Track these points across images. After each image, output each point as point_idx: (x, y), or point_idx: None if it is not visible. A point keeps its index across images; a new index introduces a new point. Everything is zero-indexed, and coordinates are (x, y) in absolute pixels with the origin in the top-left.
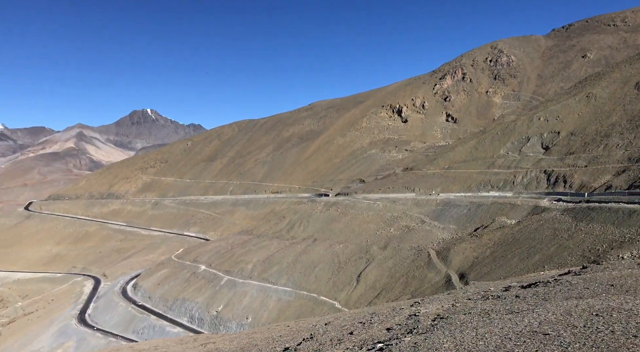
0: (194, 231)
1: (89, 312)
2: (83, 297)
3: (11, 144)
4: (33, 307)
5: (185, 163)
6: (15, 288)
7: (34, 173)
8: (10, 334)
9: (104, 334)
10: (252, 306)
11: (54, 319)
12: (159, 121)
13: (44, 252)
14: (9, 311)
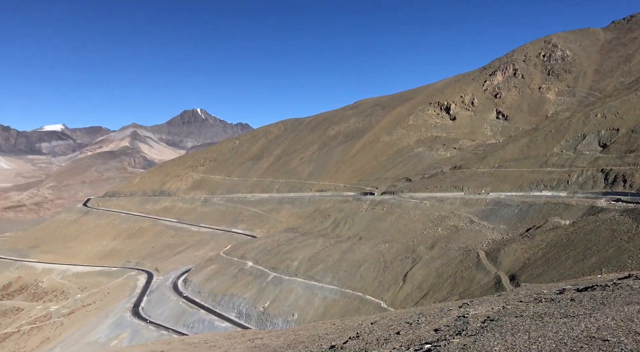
0: (241, 227)
1: (143, 305)
2: (137, 290)
3: (71, 143)
4: (91, 299)
5: (233, 161)
6: (75, 281)
7: (92, 171)
8: (71, 324)
9: (156, 326)
10: (298, 303)
11: (110, 311)
12: (208, 121)
13: (101, 247)
14: (70, 302)
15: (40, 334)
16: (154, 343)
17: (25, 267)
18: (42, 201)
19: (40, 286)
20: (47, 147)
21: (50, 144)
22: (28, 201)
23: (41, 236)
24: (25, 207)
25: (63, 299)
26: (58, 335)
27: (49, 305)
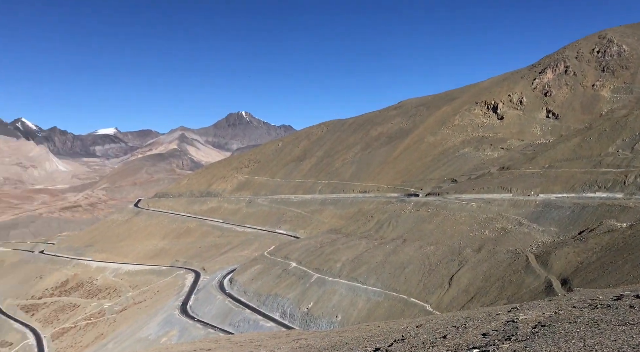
0: (284, 228)
1: (190, 304)
2: (185, 289)
3: (123, 146)
4: (142, 297)
5: (277, 163)
6: (127, 279)
7: (142, 172)
8: (123, 321)
9: (203, 325)
10: (342, 304)
11: (160, 309)
12: (252, 123)
13: (151, 246)
14: (122, 300)
15: (95, 330)
16: (202, 341)
17: (81, 265)
18: (96, 201)
19: (94, 283)
20: (101, 150)
21: (103, 147)
22: (83, 201)
23: (95, 236)
24: (81, 207)
25: (116, 296)
26: (111, 331)
27: (103, 302)
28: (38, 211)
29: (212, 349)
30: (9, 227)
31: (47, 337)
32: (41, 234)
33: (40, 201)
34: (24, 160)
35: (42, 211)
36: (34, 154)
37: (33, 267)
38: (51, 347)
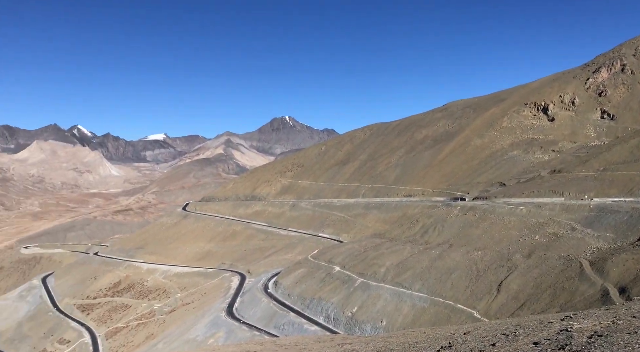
0: (328, 232)
1: (236, 306)
2: (231, 291)
3: (171, 151)
4: (190, 299)
5: (319, 167)
6: (175, 280)
7: (190, 177)
8: (172, 322)
9: (249, 327)
10: (386, 309)
11: (207, 311)
12: (295, 127)
13: (198, 249)
14: (171, 301)
15: (146, 330)
16: (247, 343)
17: (132, 267)
18: (146, 205)
19: (145, 284)
20: (151, 155)
21: (153, 152)
22: (134, 205)
23: (145, 238)
24: (132, 210)
25: (165, 297)
26: (161, 331)
27: (153, 303)
28: (93, 214)
29: (258, 351)
30: (66, 230)
31: (102, 336)
32: (96, 236)
33: (94, 204)
34: (79, 166)
35: (97, 214)
36: (89, 159)
37: (88, 268)
38: (105, 346)
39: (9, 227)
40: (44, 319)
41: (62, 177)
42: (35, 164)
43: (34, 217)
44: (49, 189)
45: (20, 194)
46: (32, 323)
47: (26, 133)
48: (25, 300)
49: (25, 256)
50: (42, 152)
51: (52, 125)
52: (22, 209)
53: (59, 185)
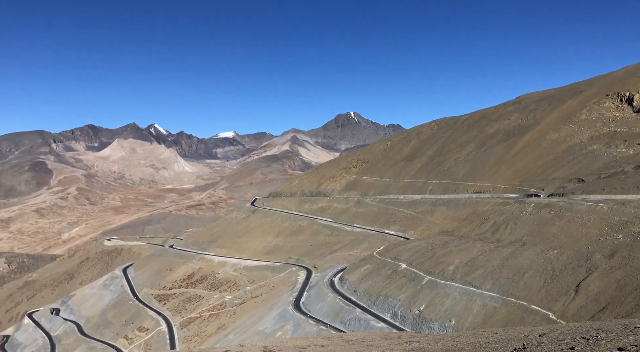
0: (394, 229)
1: (303, 300)
2: (297, 285)
3: (240, 148)
4: (258, 292)
5: (385, 163)
6: (245, 274)
7: (258, 173)
8: (242, 313)
9: (315, 321)
10: (455, 308)
11: (275, 304)
12: (360, 123)
13: (265, 243)
14: (240, 293)
15: (217, 321)
16: (315, 338)
17: (204, 259)
18: (217, 200)
19: (216, 277)
20: (221, 152)
21: (223, 149)
22: (206, 200)
23: (217, 232)
24: (205, 205)
25: (235, 290)
26: (232, 322)
27: (224, 295)
28: (168, 208)
29: (325, 345)
30: (144, 223)
31: (177, 325)
32: (171, 229)
33: (169, 199)
34: (156, 162)
35: (172, 208)
36: (164, 156)
37: (164, 260)
38: (180, 334)
39: (93, 220)
40: (125, 307)
41: (140, 173)
42: (116, 161)
43: (116, 211)
44: (129, 185)
45: (103, 190)
46: (114, 311)
47: (108, 132)
48: (109, 289)
49: (108, 247)
50: (122, 150)
51: (131, 125)
52: (105, 203)
53: (138, 181)
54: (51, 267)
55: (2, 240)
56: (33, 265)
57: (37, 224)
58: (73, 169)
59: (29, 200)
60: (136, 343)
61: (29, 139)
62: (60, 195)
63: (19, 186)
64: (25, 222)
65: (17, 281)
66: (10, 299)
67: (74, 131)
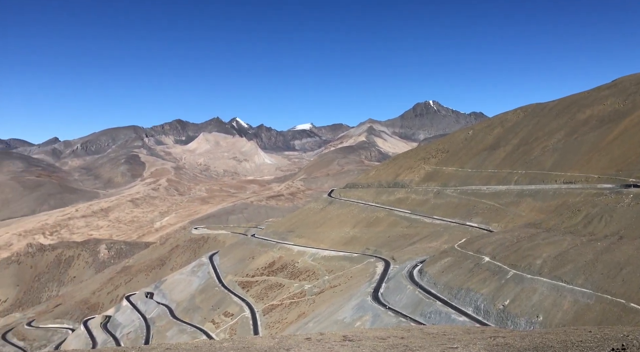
0: (475, 221)
1: (381, 292)
2: (375, 277)
3: (317, 139)
4: (337, 281)
5: (466, 152)
6: (323, 263)
7: (334, 164)
8: (321, 302)
9: (394, 313)
10: (543, 304)
11: (353, 294)
12: (440, 112)
13: (343, 234)
14: (319, 283)
15: (297, 309)
16: (395, 329)
17: (284, 248)
18: (295, 191)
19: (296, 266)
20: (299, 144)
21: (301, 141)
22: (285, 191)
23: (295, 222)
24: (283, 196)
25: (314, 279)
26: (311, 311)
27: (303, 283)
28: (250, 199)
29: (405, 337)
30: (228, 213)
31: (259, 311)
32: (252, 219)
33: (251, 190)
34: (238, 155)
35: (253, 199)
36: (246, 149)
37: (246, 248)
38: (263, 320)
39: (182, 210)
40: (212, 293)
41: (224, 165)
42: (202, 154)
43: (202, 202)
44: (213, 176)
45: (190, 181)
46: (202, 296)
47: (194, 126)
48: (196, 275)
49: (195, 235)
50: (207, 143)
51: (215, 119)
52: (192, 194)
53: (222, 172)
54: (145, 254)
55: (103, 228)
56: (129, 251)
57: (133, 213)
58: (163, 162)
59: (125, 191)
60: (222, 327)
61: (124, 133)
62: (152, 186)
63: (116, 177)
64: (122, 212)
65: (116, 266)
66: (110, 282)
67: (164, 126)
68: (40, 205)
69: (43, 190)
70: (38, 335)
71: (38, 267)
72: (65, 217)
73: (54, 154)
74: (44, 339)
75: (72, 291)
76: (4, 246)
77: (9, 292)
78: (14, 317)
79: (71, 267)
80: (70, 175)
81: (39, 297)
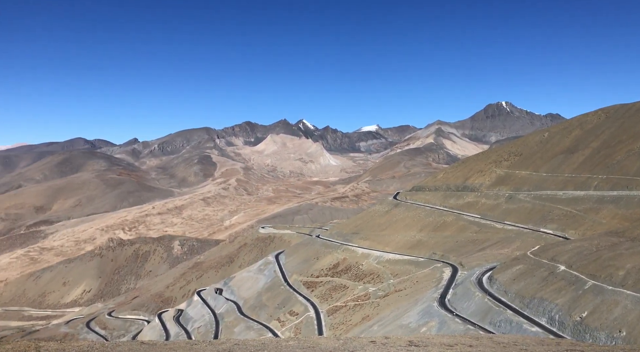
0: (550, 227)
1: (448, 298)
2: (442, 282)
3: (383, 141)
4: (402, 286)
5: (541, 156)
6: (388, 267)
7: (400, 166)
8: (386, 306)
9: (462, 320)
10: (626, 318)
11: (419, 299)
12: (513, 113)
13: (408, 237)
14: (384, 286)
15: (361, 311)
16: (462, 336)
17: (348, 250)
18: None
19: (360, 268)
20: (364, 146)
21: (366, 143)
22: (350, 192)
23: (359, 224)
24: (348, 198)
25: (378, 282)
26: (375, 314)
27: (368, 286)
28: (314, 200)
29: (474, 345)
30: (293, 213)
31: (324, 312)
32: (317, 220)
33: (316, 191)
34: (304, 156)
35: (318, 200)
36: (311, 150)
37: (311, 248)
38: (327, 321)
39: (250, 209)
40: (277, 291)
41: (290, 166)
42: (269, 155)
43: (269, 202)
44: (280, 177)
45: (258, 181)
46: (268, 294)
47: (262, 128)
48: (263, 273)
49: (262, 234)
50: (274, 144)
51: (282, 121)
52: (259, 194)
53: (288, 173)
54: (215, 251)
55: (177, 225)
56: (201, 248)
57: (204, 212)
58: (233, 163)
59: (198, 190)
60: (287, 326)
61: (197, 135)
62: (223, 186)
63: (189, 177)
64: (194, 210)
65: (188, 262)
66: (183, 277)
67: (234, 127)
68: (120, 202)
69: (123, 188)
70: (117, 325)
71: (118, 260)
72: (143, 214)
73: (134, 154)
74: (122, 328)
75: (148, 284)
76: (88, 239)
77: (93, 283)
78: (96, 307)
79: (147, 261)
80: (148, 174)
81: (119, 289)
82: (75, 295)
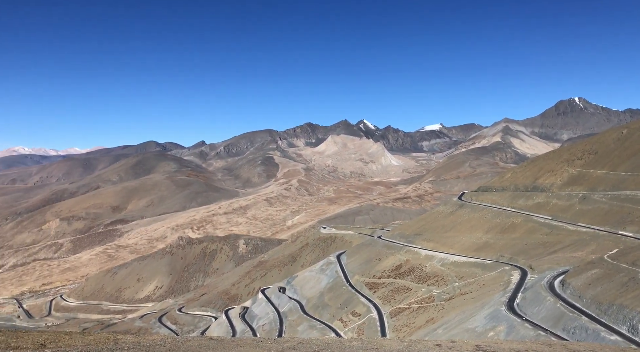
0: (630, 230)
1: (517, 302)
2: (511, 286)
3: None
4: (467, 289)
5: (619, 154)
6: (453, 269)
7: (465, 166)
8: (451, 309)
9: (532, 325)
10: None
11: (485, 303)
12: (587, 109)
13: (474, 239)
14: (448, 289)
15: (426, 314)
16: (533, 342)
17: (411, 252)
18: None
19: (424, 270)
20: (427, 145)
21: (429, 142)
22: (412, 193)
23: (422, 225)
24: (410, 198)
25: (443, 284)
26: (440, 317)
27: (432, 288)
28: (376, 200)
29: None
30: (354, 214)
31: (386, 314)
32: (378, 220)
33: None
34: (365, 156)
35: (379, 200)
36: (372, 150)
37: (373, 249)
38: (390, 323)
39: (311, 209)
40: (339, 291)
41: (350, 166)
42: (330, 155)
43: (330, 202)
44: (340, 178)
45: (319, 182)
46: (330, 294)
47: (323, 129)
48: (325, 273)
49: (324, 235)
50: (335, 145)
51: (343, 121)
52: (320, 194)
53: (348, 174)
54: (278, 250)
55: (242, 224)
56: (264, 247)
57: (267, 212)
58: (295, 163)
59: (261, 190)
60: (350, 327)
61: (260, 137)
62: (285, 186)
63: (253, 178)
64: (258, 210)
65: (252, 261)
66: (247, 275)
67: (295, 129)
68: (189, 202)
69: (192, 188)
70: (187, 320)
71: (187, 258)
72: (210, 213)
73: (201, 155)
74: (191, 324)
75: (215, 281)
76: (160, 238)
77: (164, 279)
78: (167, 302)
79: (214, 259)
80: (215, 175)
81: (188, 285)
82: (148, 291)
